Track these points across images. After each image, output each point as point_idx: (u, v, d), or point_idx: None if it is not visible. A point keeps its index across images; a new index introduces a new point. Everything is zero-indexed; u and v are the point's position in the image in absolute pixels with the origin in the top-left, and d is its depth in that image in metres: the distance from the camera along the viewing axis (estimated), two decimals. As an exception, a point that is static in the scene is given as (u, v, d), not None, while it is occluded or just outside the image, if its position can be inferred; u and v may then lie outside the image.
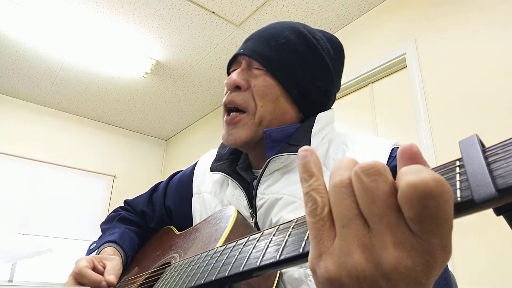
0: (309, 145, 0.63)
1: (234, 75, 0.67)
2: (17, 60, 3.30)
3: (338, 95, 2.73)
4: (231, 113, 0.68)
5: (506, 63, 1.75)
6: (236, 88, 0.67)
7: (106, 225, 0.89)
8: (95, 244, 0.81)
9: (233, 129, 0.66)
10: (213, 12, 2.63)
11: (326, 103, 0.71)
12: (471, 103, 1.84)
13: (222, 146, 0.78)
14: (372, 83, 2.47)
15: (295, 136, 0.65)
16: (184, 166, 0.94)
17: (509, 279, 1.51)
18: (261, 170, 0.64)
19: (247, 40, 0.71)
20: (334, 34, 2.86)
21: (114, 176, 4.39)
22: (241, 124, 0.66)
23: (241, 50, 0.68)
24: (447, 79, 1.99)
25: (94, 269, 0.68)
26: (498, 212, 0.23)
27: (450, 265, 1.50)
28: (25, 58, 3.26)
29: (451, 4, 2.07)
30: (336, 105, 0.75)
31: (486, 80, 1.81)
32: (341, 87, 2.70)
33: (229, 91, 0.68)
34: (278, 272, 0.54)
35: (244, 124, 0.66)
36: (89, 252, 0.82)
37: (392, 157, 0.58)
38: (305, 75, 0.67)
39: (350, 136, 0.67)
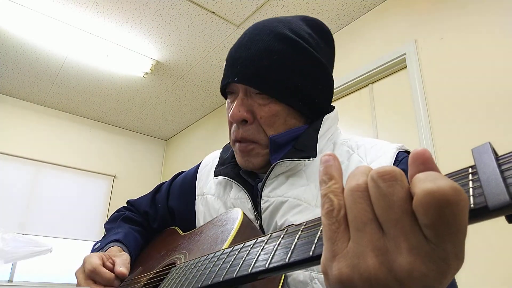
0: (316, 148, 0.63)
1: (237, 108, 0.63)
2: (17, 60, 3.29)
3: (338, 95, 2.70)
4: (241, 141, 0.66)
5: (506, 63, 1.76)
6: (243, 121, 0.64)
7: (110, 225, 0.89)
8: (99, 244, 0.81)
9: (247, 156, 0.66)
10: (213, 12, 2.63)
11: (328, 100, 0.71)
12: (471, 103, 1.85)
13: (224, 150, 0.78)
14: (372, 83, 2.48)
15: (302, 140, 0.65)
16: (184, 166, 0.95)
17: (509, 280, 1.52)
18: (266, 173, 0.64)
19: (234, 60, 0.65)
20: (334, 35, 2.85)
21: (114, 176, 4.39)
22: (255, 153, 0.65)
23: (235, 79, 0.63)
24: (447, 79, 1.99)
25: (104, 266, 0.68)
26: (510, 219, 0.23)
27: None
28: (25, 58, 3.26)
29: (451, 4, 2.07)
30: (336, 105, 0.74)
31: (486, 80, 1.82)
32: (341, 87, 2.67)
33: (235, 125, 0.66)
34: (283, 275, 0.54)
35: (258, 153, 0.65)
36: (94, 251, 0.82)
37: (397, 161, 0.58)
38: (305, 85, 0.65)
39: (355, 139, 0.67)
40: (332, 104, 0.74)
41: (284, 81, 0.63)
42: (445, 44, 2.05)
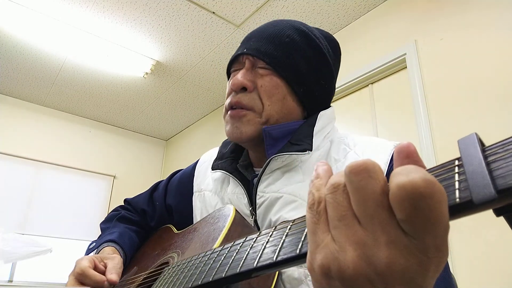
0: (311, 144, 0.63)
1: (240, 76, 0.65)
2: (17, 60, 3.30)
3: (338, 95, 2.71)
4: (235, 109, 0.66)
5: (506, 63, 1.75)
6: (242, 89, 0.65)
7: (106, 225, 0.89)
8: (94, 244, 0.81)
9: (238, 122, 0.65)
10: (213, 13, 2.63)
11: (328, 101, 0.72)
12: (471, 103, 1.84)
13: (224, 145, 0.78)
14: (372, 83, 2.47)
15: (297, 135, 0.64)
16: (184, 166, 0.94)
17: (509, 279, 1.51)
18: (262, 168, 0.64)
19: (248, 39, 0.69)
20: (334, 35, 2.85)
21: (114, 176, 4.39)
22: (247, 120, 0.64)
23: (245, 50, 0.66)
24: (447, 80, 1.99)
25: (96, 268, 0.68)
26: (498, 213, 0.23)
27: (450, 265, 1.49)
28: (25, 58, 3.27)
29: (451, 4, 2.07)
30: (336, 105, 0.75)
31: (485, 80, 1.81)
32: (341, 87, 2.67)
33: (233, 92, 0.66)
34: (277, 272, 0.53)
35: (250, 120, 0.64)
36: (88, 251, 0.81)
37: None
38: (309, 74, 0.67)
39: (351, 137, 0.67)
40: (332, 104, 0.75)
41: (290, 62, 0.65)
42: (445, 44, 2.04)
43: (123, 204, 0.96)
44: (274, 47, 0.65)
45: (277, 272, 0.53)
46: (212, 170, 0.73)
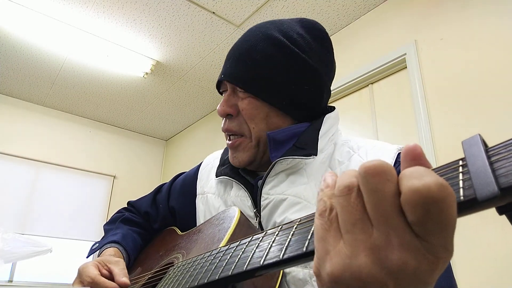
0: (317, 147, 0.64)
1: (221, 104, 0.68)
2: (17, 60, 3.30)
3: (338, 95, 2.70)
4: (231, 137, 0.70)
5: (506, 63, 1.76)
6: (228, 115, 0.69)
7: (109, 226, 0.89)
8: (97, 245, 0.82)
9: (235, 152, 0.69)
10: (213, 13, 2.64)
11: (320, 102, 0.69)
12: (471, 104, 1.84)
13: (225, 151, 0.78)
14: (372, 83, 2.47)
15: (303, 138, 0.65)
16: (184, 166, 0.95)
17: (509, 279, 1.51)
18: (266, 171, 0.65)
19: (227, 59, 0.70)
20: (335, 35, 2.83)
21: (114, 176, 4.39)
22: (241, 148, 0.68)
23: (222, 76, 0.69)
24: (447, 80, 1.99)
25: (101, 274, 0.68)
26: (500, 211, 0.23)
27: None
28: (25, 58, 3.26)
29: (451, 4, 2.07)
30: (336, 105, 0.75)
31: (486, 80, 1.82)
32: (341, 87, 2.65)
33: (223, 118, 0.70)
34: (281, 272, 0.54)
35: (244, 147, 0.68)
36: (91, 251, 0.82)
37: (398, 161, 0.58)
38: (289, 85, 0.65)
39: (355, 140, 0.68)
40: (332, 104, 0.75)
41: (265, 80, 0.65)
42: (445, 44, 2.05)
43: (126, 206, 0.97)
44: (245, 68, 0.65)
45: (281, 272, 0.54)
46: (216, 177, 0.74)
